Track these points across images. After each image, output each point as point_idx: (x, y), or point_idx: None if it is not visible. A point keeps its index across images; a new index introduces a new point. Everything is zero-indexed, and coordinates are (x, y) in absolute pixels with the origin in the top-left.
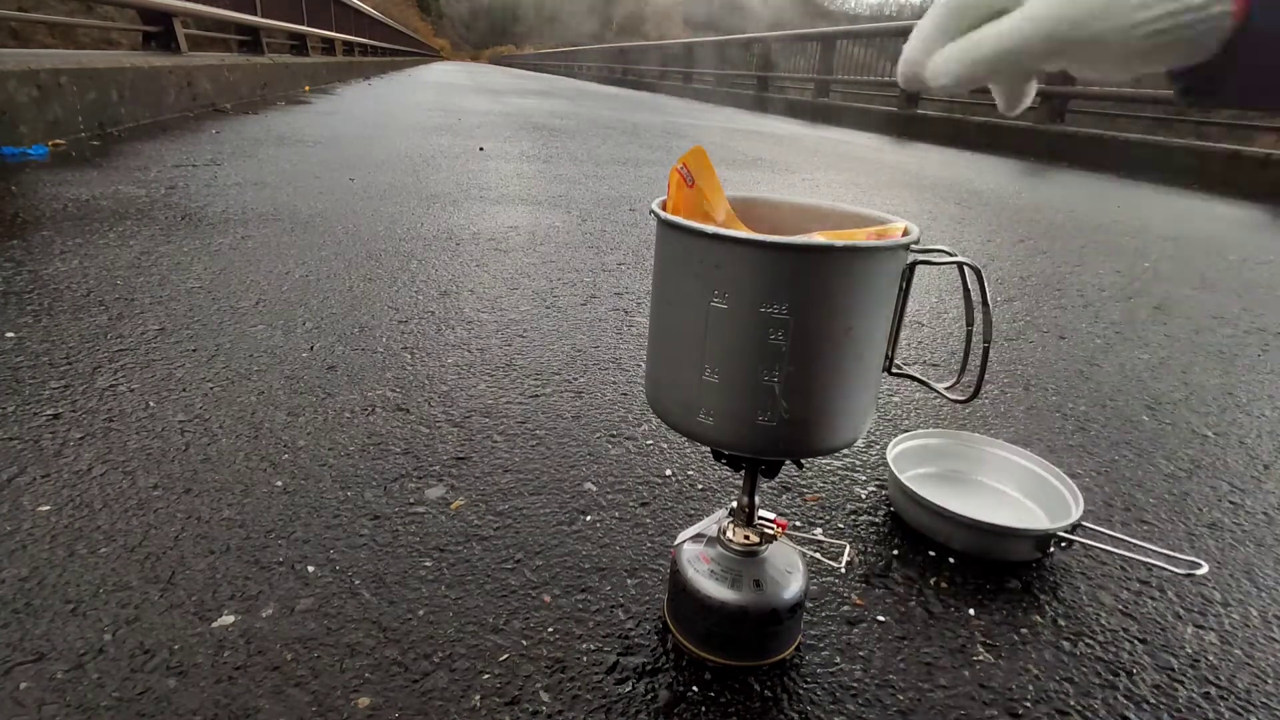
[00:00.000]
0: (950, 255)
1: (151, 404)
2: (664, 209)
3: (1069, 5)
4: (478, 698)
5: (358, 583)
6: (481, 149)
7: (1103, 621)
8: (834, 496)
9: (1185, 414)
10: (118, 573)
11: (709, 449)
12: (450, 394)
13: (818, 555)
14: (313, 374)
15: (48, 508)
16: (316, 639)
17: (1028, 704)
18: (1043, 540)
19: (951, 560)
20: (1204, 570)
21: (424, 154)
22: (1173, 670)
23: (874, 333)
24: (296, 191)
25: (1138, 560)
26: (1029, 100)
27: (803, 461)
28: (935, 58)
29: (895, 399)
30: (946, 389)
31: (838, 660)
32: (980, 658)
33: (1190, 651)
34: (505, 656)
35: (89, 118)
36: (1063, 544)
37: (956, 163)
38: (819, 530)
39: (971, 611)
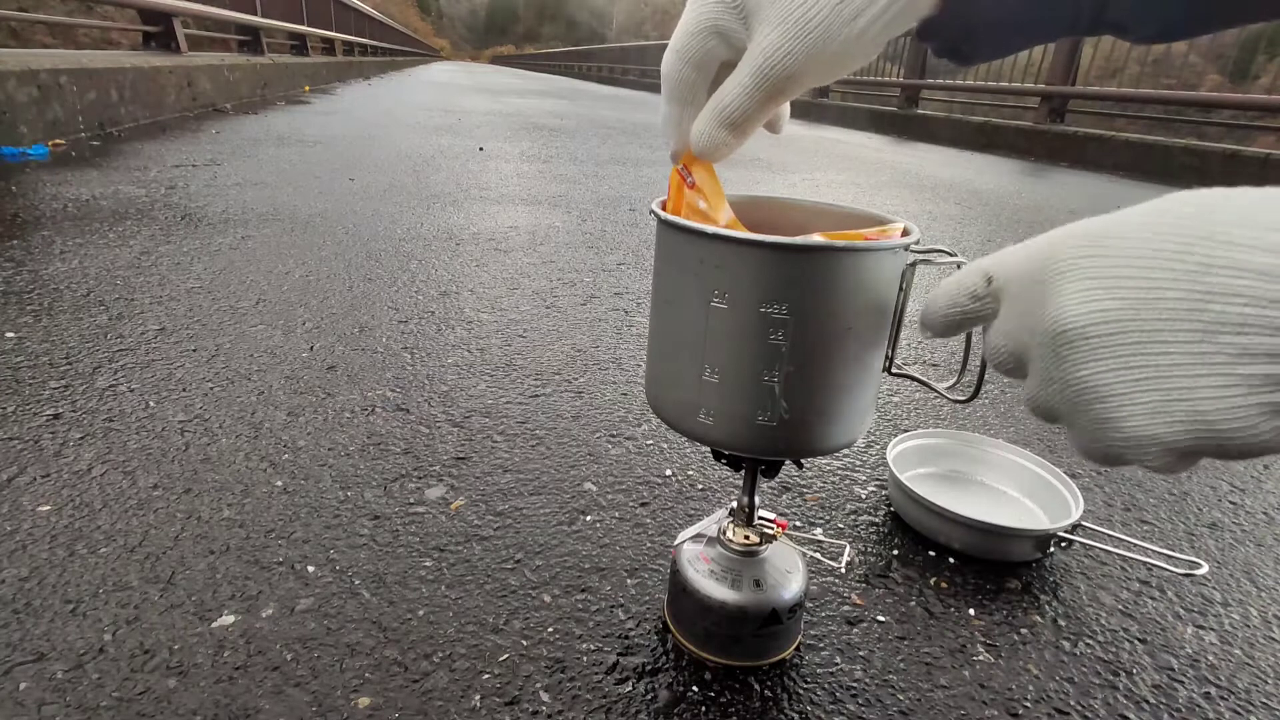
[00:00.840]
0: (950, 255)
1: (151, 404)
2: (664, 209)
3: (792, 46)
4: (478, 698)
5: (358, 583)
6: (481, 149)
7: (1103, 621)
8: (834, 496)
9: None
10: (118, 573)
11: (709, 449)
12: (450, 394)
13: (818, 555)
14: (313, 374)
15: (48, 508)
16: (316, 639)
17: (1028, 704)
18: (1043, 540)
19: (951, 560)
20: (1204, 570)
21: (424, 154)
22: (1173, 670)
23: (874, 333)
24: (296, 191)
25: (1138, 560)
26: (787, 115)
27: (803, 461)
28: (694, 134)
29: (895, 399)
30: (947, 389)
31: (838, 660)
32: (980, 658)
33: (1190, 651)
34: (505, 656)
35: (89, 118)
36: (1063, 544)
37: (956, 163)
38: (819, 530)
39: (971, 611)
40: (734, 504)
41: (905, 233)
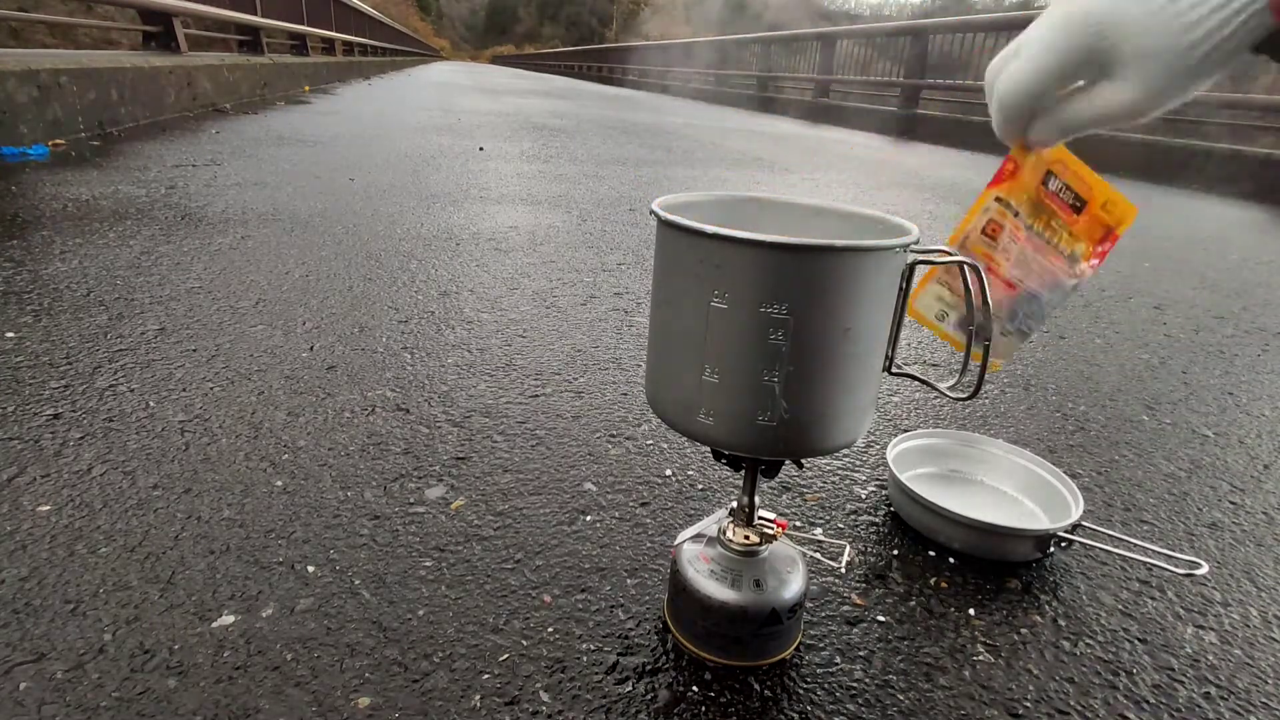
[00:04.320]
0: (950, 255)
1: (151, 404)
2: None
3: (1147, 109)
4: (478, 698)
5: (358, 583)
6: (481, 149)
7: (1103, 621)
8: (834, 496)
9: (1185, 414)
10: (118, 573)
11: (709, 449)
12: (450, 394)
13: (818, 555)
14: (313, 374)
15: (48, 508)
16: (316, 639)
17: (1028, 704)
18: (1042, 540)
19: (951, 560)
20: (1204, 570)
21: (424, 154)
22: (1173, 670)
23: (874, 332)
24: (296, 191)
25: (1138, 560)
26: None
27: (803, 461)
28: (1037, 126)
29: (895, 399)
30: (948, 388)
31: (838, 660)
32: (980, 658)
33: (1190, 651)
34: (505, 656)
35: (89, 118)
36: (1062, 544)
37: (956, 163)
38: (819, 530)
39: (971, 611)
40: (734, 504)
41: (905, 233)
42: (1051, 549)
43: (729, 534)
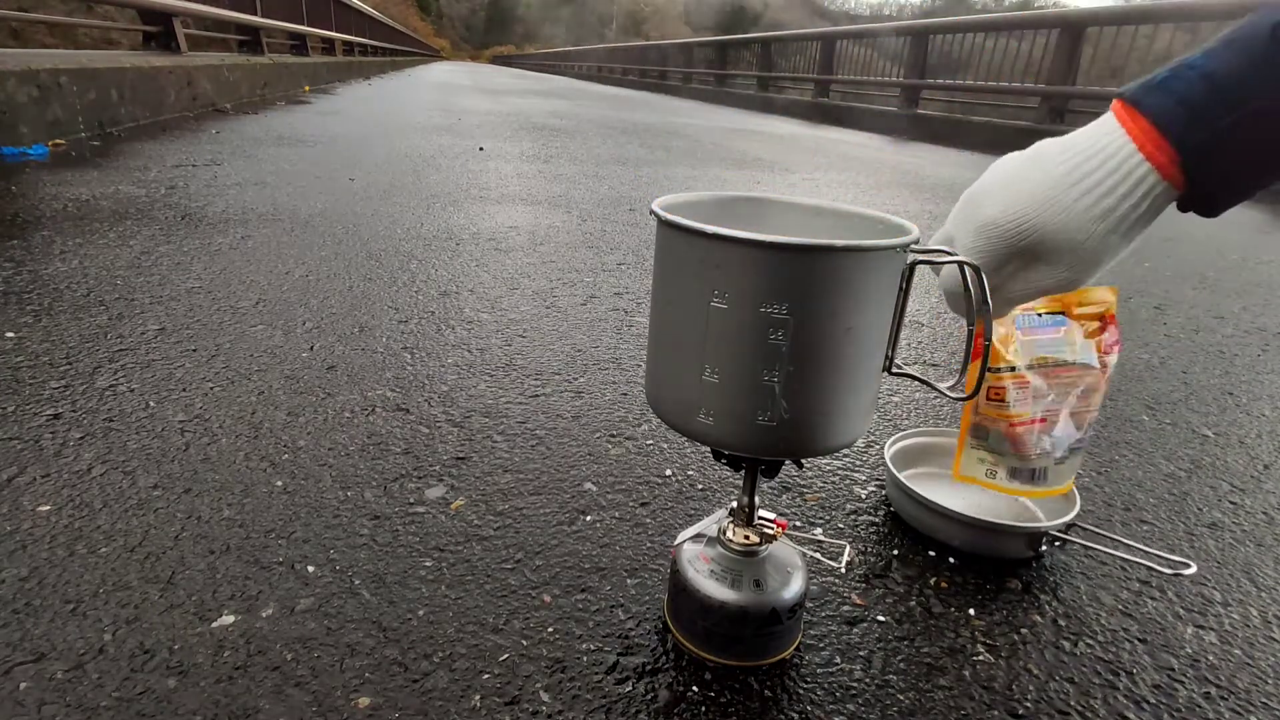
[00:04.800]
0: (950, 255)
1: (151, 404)
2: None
3: (1078, 279)
4: (478, 698)
5: (358, 583)
6: (481, 149)
7: (1103, 621)
8: (834, 496)
9: (1185, 414)
10: (118, 573)
11: (709, 449)
12: (450, 394)
13: (818, 555)
14: (313, 374)
15: (48, 508)
16: (316, 639)
17: (1028, 704)
18: (1034, 538)
19: (951, 560)
20: (1192, 570)
21: (424, 154)
22: (1173, 670)
23: (874, 332)
24: (296, 191)
25: (1134, 560)
26: None
27: (803, 461)
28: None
29: (895, 399)
30: (948, 388)
31: (838, 660)
32: (980, 658)
33: (1190, 651)
34: (505, 656)
35: (89, 118)
36: (1056, 542)
37: (956, 163)
38: (819, 530)
39: (971, 611)
40: (734, 504)
41: (905, 233)
42: (1044, 547)
43: (729, 534)
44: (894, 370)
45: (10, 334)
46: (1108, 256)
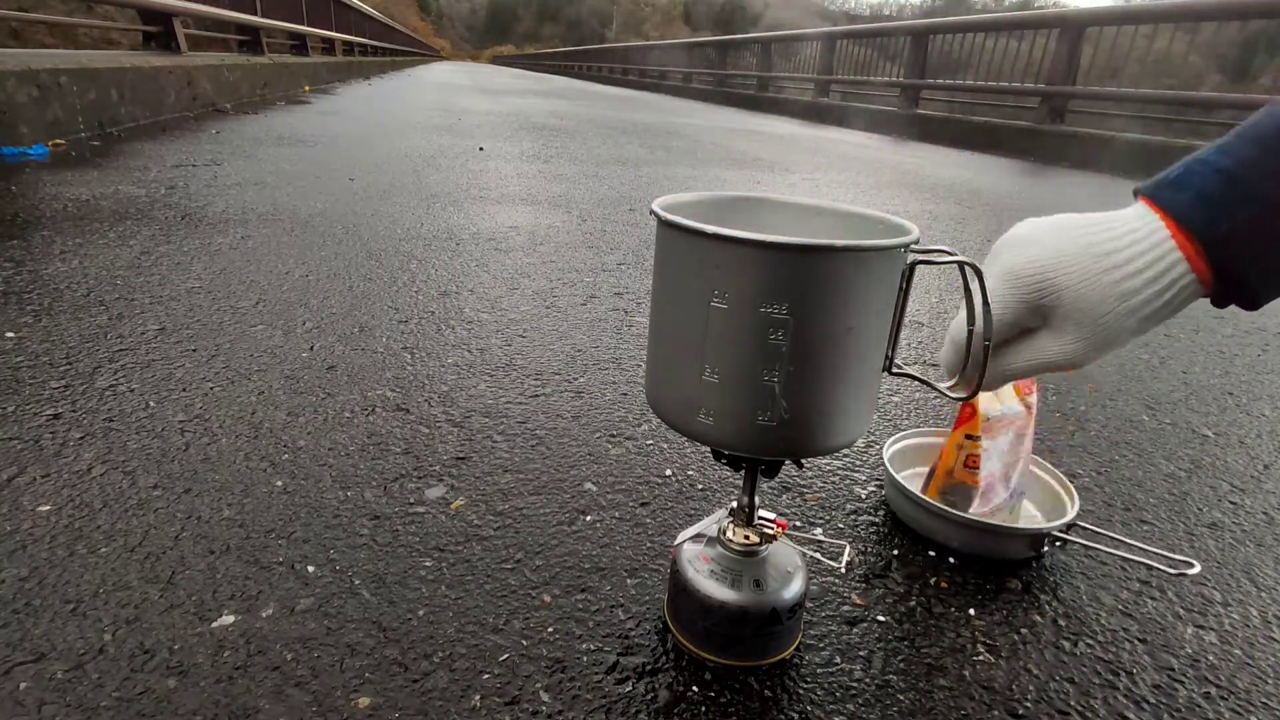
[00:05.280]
0: (950, 255)
1: (151, 404)
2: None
3: (1088, 358)
4: (478, 698)
5: (358, 583)
6: (481, 149)
7: (1103, 621)
8: (834, 496)
9: (1185, 414)
10: (118, 573)
11: (709, 449)
12: (450, 394)
13: (818, 555)
14: (313, 374)
15: (48, 508)
16: (316, 639)
17: (1028, 704)
18: (1036, 539)
19: (951, 560)
20: (1196, 570)
21: (424, 154)
22: (1173, 670)
23: (874, 332)
24: (296, 191)
25: (1135, 560)
26: None
27: (803, 461)
28: (987, 380)
29: (895, 399)
30: (948, 388)
31: (838, 660)
32: (980, 658)
33: (1190, 651)
34: (505, 656)
35: (89, 118)
36: (1057, 543)
37: (956, 163)
38: (819, 530)
39: (971, 611)
40: (734, 504)
41: (905, 233)
42: (1045, 548)
43: (729, 534)
44: (894, 370)
45: (10, 334)
46: (1119, 341)
